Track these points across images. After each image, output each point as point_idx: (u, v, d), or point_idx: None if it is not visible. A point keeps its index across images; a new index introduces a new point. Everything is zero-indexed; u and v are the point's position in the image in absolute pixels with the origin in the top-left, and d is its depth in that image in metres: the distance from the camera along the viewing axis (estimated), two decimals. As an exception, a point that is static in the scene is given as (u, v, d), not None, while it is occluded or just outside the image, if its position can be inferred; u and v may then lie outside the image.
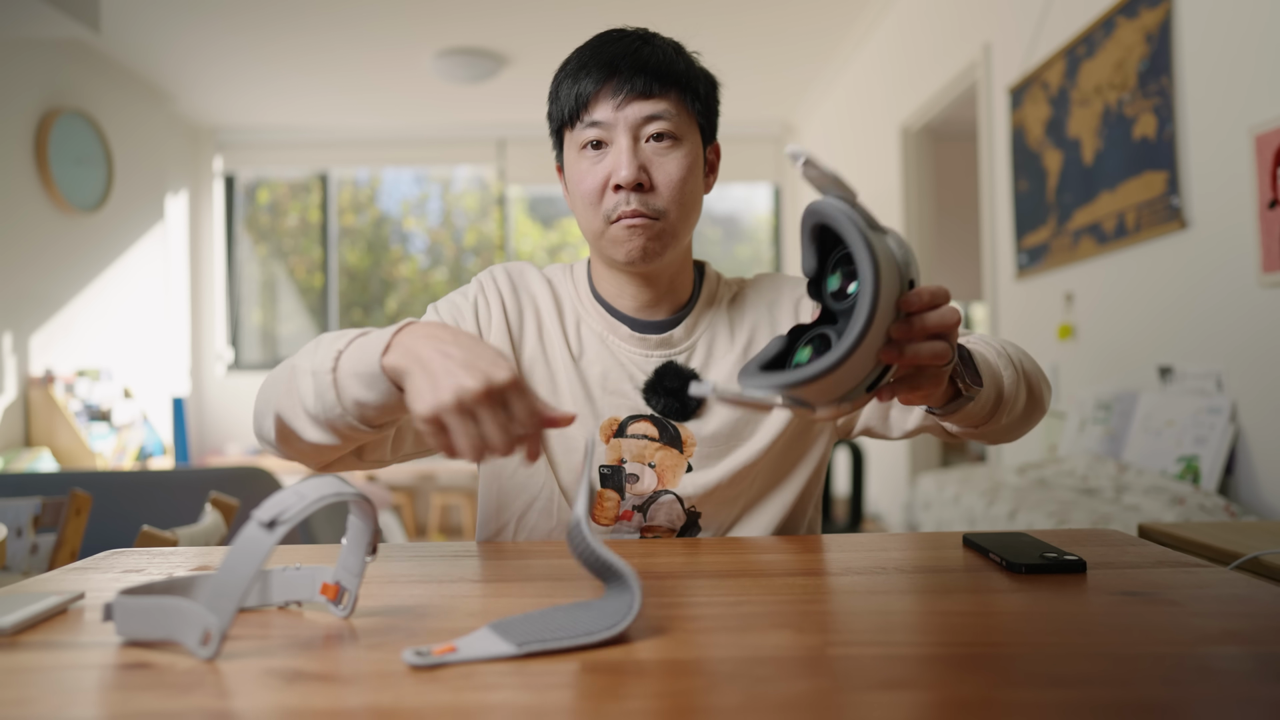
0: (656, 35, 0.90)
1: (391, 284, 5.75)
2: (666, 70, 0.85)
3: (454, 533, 5.18)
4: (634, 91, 0.84)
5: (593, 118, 0.85)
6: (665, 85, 0.85)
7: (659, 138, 0.85)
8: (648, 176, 0.85)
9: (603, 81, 0.85)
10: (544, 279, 0.97)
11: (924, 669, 0.47)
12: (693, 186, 0.88)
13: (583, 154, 0.87)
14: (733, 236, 6.01)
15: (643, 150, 0.85)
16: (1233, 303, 1.77)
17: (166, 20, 3.77)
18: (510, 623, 0.53)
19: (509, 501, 0.91)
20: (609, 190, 0.85)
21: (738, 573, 0.70)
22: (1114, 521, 1.69)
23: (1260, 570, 1.12)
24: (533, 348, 0.92)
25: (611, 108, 0.85)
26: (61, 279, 3.86)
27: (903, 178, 3.68)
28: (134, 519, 1.62)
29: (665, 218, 0.86)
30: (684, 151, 0.86)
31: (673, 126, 0.85)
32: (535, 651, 0.50)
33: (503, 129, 5.45)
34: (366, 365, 0.65)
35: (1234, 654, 0.49)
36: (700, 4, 3.71)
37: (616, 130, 0.85)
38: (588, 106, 0.85)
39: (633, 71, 0.84)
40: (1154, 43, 1.99)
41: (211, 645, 0.49)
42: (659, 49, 0.87)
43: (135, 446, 4.02)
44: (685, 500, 0.90)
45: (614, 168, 0.84)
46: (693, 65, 0.89)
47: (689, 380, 0.88)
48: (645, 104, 0.84)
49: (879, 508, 4.21)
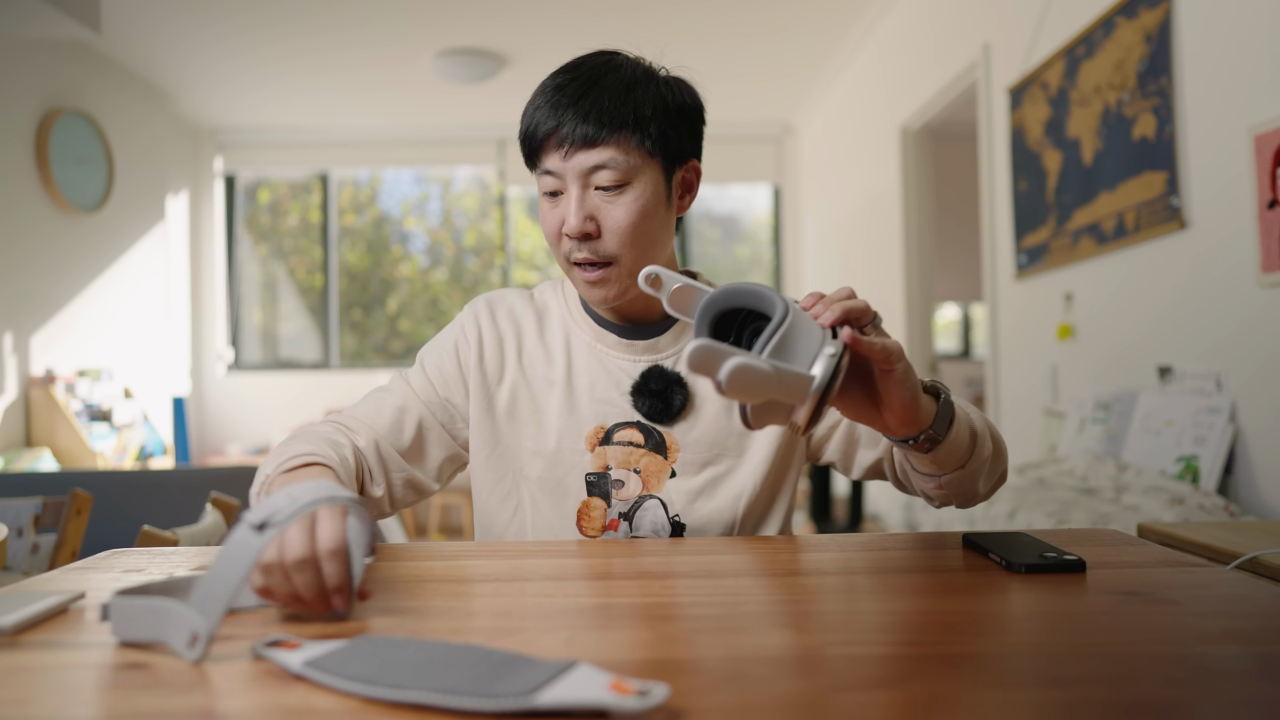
0: (616, 67, 0.87)
1: (392, 284, 5.75)
2: (611, 116, 0.84)
3: (454, 533, 5.18)
4: (577, 143, 0.84)
5: (545, 166, 0.87)
6: (612, 130, 0.84)
7: (607, 186, 0.85)
8: (595, 224, 0.86)
9: (550, 132, 0.85)
10: (526, 300, 1.00)
11: (923, 669, 0.47)
12: (646, 227, 0.87)
13: (543, 197, 0.90)
14: (732, 237, 6.01)
15: (590, 198, 0.86)
16: (1232, 303, 1.77)
17: (167, 20, 3.77)
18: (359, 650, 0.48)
19: (495, 512, 0.95)
20: (564, 236, 0.87)
21: (736, 572, 0.70)
22: (1113, 521, 1.69)
23: (1259, 570, 1.12)
24: (514, 373, 0.95)
25: (559, 157, 0.85)
26: (62, 279, 3.86)
27: (902, 178, 3.68)
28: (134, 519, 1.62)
29: (618, 262, 0.87)
30: (633, 196, 0.85)
31: (620, 174, 0.84)
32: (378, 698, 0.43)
33: (503, 129, 5.45)
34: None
35: (1233, 654, 0.49)
36: (700, 4, 3.71)
37: (567, 179, 0.86)
38: (539, 156, 0.88)
39: (576, 121, 0.84)
40: (1153, 43, 1.99)
41: (198, 648, 0.49)
42: (607, 91, 0.84)
43: (136, 446, 4.02)
44: (669, 507, 0.91)
45: (565, 216, 0.86)
46: (646, 101, 0.85)
47: (673, 383, 0.91)
48: (590, 153, 0.84)
49: (879, 508, 4.21)
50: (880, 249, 3.98)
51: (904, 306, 3.70)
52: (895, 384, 0.68)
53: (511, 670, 0.44)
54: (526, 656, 0.46)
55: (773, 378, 0.60)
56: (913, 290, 3.68)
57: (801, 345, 0.64)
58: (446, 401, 0.94)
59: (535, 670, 0.44)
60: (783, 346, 0.63)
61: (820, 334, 0.65)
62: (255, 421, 5.40)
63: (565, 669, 0.44)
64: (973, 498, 0.85)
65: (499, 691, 0.42)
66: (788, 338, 0.64)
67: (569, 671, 0.43)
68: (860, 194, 4.30)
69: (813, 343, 0.65)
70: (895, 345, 0.68)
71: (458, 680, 0.43)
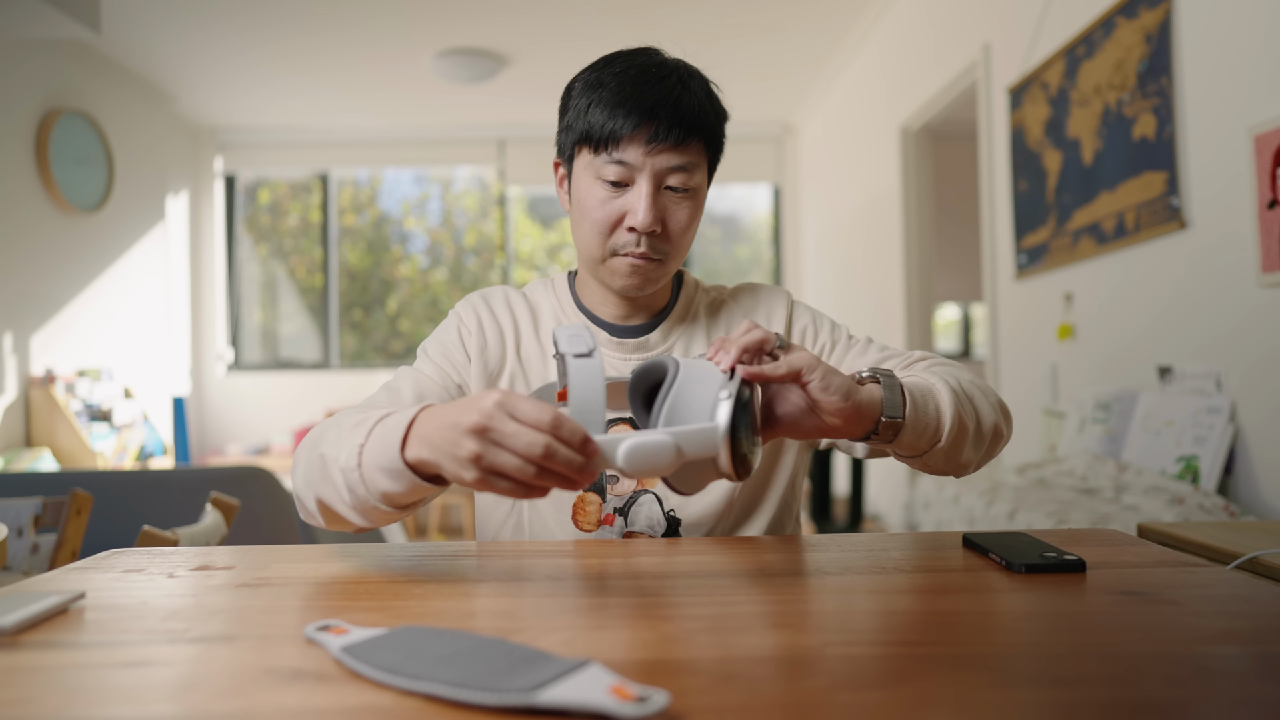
0: (693, 74, 0.90)
1: (392, 284, 5.75)
2: (699, 120, 0.87)
3: (454, 533, 5.18)
4: (667, 142, 0.85)
5: (620, 156, 0.86)
6: (695, 135, 0.87)
7: (678, 188, 0.88)
8: (662, 224, 0.88)
9: (639, 125, 0.85)
10: (520, 297, 1.01)
11: (923, 669, 0.47)
12: (695, 228, 0.92)
13: (599, 182, 0.88)
14: (732, 237, 6.01)
15: (661, 198, 0.88)
16: (1232, 303, 1.77)
17: (167, 20, 3.77)
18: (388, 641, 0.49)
19: (493, 508, 0.95)
20: (621, 228, 0.88)
21: (735, 572, 0.70)
22: (1113, 521, 1.69)
23: (1259, 570, 1.12)
24: (513, 364, 0.96)
25: (642, 153, 0.85)
26: (62, 279, 3.86)
27: (902, 178, 3.68)
28: (134, 519, 1.62)
29: (667, 259, 0.90)
30: (697, 202, 0.90)
31: (693, 179, 0.88)
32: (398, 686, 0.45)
33: (503, 129, 5.45)
34: (389, 460, 0.67)
35: (1234, 654, 0.49)
36: (700, 4, 3.71)
37: (641, 174, 0.86)
38: (618, 144, 0.86)
39: (671, 121, 0.85)
40: (1153, 43, 1.99)
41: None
42: (694, 94, 0.87)
43: (136, 446, 4.02)
44: (664, 502, 0.91)
45: (632, 209, 0.87)
46: (719, 109, 0.91)
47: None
48: (674, 155, 0.86)
49: (879, 508, 4.21)
50: (880, 249, 3.98)
51: (904, 306, 3.69)
52: (820, 392, 0.70)
53: (526, 666, 0.45)
54: (547, 654, 0.47)
55: (672, 445, 0.61)
56: (913, 290, 3.68)
57: (699, 398, 0.65)
58: (459, 387, 0.94)
59: (547, 667, 0.45)
60: (678, 408, 0.65)
61: (719, 380, 0.66)
62: (255, 421, 5.40)
63: (575, 668, 0.44)
64: (964, 468, 0.83)
65: (504, 686, 0.42)
66: (682, 398, 0.65)
67: (577, 671, 0.44)
68: (860, 194, 4.30)
69: (711, 391, 0.66)
70: (802, 359, 0.70)
71: (471, 674, 0.44)
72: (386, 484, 0.68)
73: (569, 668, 0.44)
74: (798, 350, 0.71)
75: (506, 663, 0.46)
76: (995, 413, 0.84)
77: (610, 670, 0.45)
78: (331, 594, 0.64)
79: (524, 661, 0.46)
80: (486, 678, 0.44)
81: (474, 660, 0.46)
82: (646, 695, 0.41)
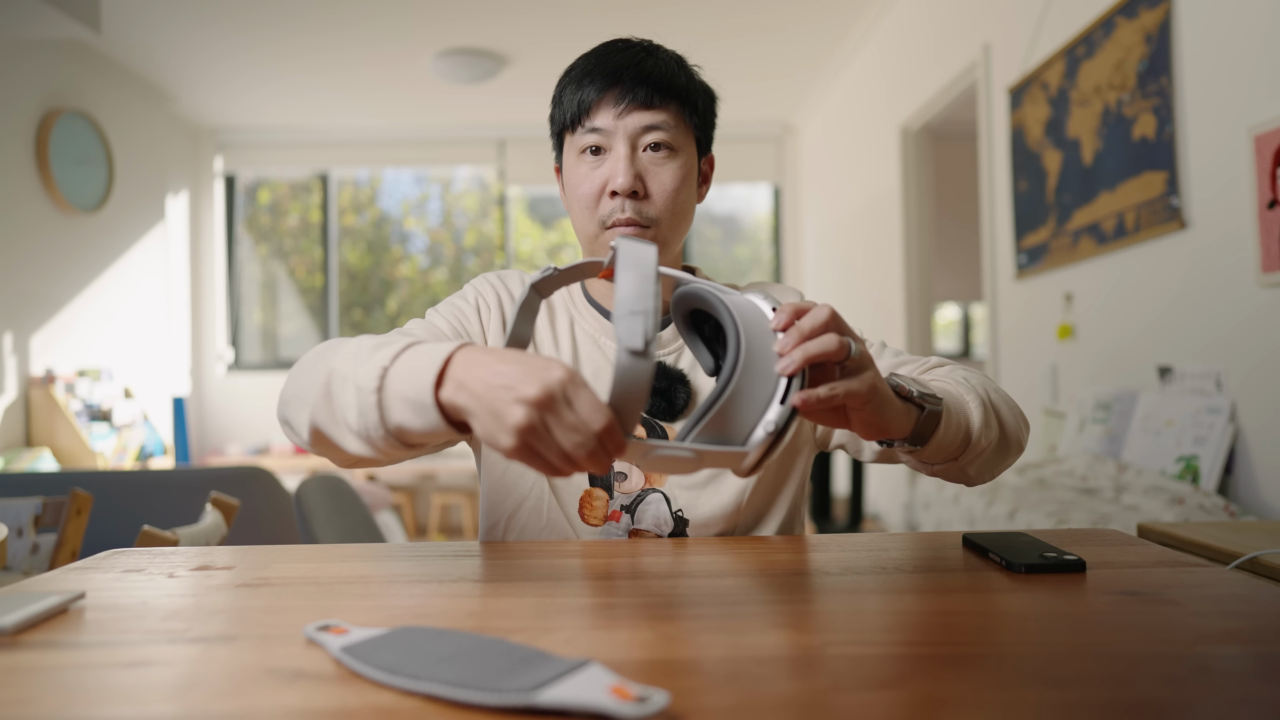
0: (660, 48, 0.92)
1: (392, 284, 5.75)
2: (668, 83, 0.88)
3: (454, 533, 5.18)
4: (635, 101, 0.87)
5: (593, 124, 0.88)
6: (665, 97, 0.88)
7: (656, 147, 0.88)
8: (643, 185, 0.88)
9: (605, 90, 0.87)
10: None
11: (923, 669, 0.47)
12: (685, 196, 0.91)
13: (581, 158, 0.90)
14: (732, 237, 6.01)
15: (640, 159, 0.88)
16: (1232, 303, 1.77)
17: (167, 20, 3.77)
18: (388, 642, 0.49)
19: (501, 499, 0.93)
20: (605, 196, 0.88)
21: (736, 572, 0.70)
22: (1113, 521, 1.69)
23: (1259, 570, 1.12)
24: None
25: (612, 116, 0.87)
26: (62, 279, 3.86)
27: (902, 178, 3.68)
28: (134, 519, 1.63)
29: (657, 226, 0.89)
30: (680, 163, 0.90)
31: (670, 138, 0.89)
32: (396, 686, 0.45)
33: (503, 129, 5.45)
34: (416, 392, 0.61)
35: (1233, 654, 0.49)
36: (700, 4, 3.71)
37: (615, 138, 0.88)
38: (589, 113, 0.88)
39: (635, 81, 0.87)
40: (1153, 43, 1.99)
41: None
42: (662, 61, 0.89)
43: (136, 446, 4.02)
44: (672, 501, 0.90)
45: (611, 174, 0.87)
46: (693, 79, 0.93)
47: (676, 381, 0.91)
48: (645, 114, 0.87)
49: (879, 508, 4.21)
50: (880, 249, 3.98)
51: (904, 306, 3.69)
52: (861, 426, 0.68)
53: (527, 666, 0.45)
54: (547, 654, 0.47)
55: (694, 460, 0.60)
56: (913, 290, 3.68)
57: (749, 395, 0.61)
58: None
59: (547, 667, 0.45)
60: (726, 407, 0.61)
61: (773, 384, 0.61)
62: (255, 421, 5.40)
63: (575, 668, 0.44)
64: (969, 481, 0.83)
65: (504, 686, 0.42)
66: (735, 393, 0.61)
67: (577, 671, 0.44)
68: (860, 194, 4.30)
69: (763, 392, 0.61)
70: (863, 387, 0.64)
71: (471, 674, 0.44)
72: (407, 416, 0.62)
73: (569, 668, 0.44)
74: (864, 368, 0.65)
75: (506, 663, 0.46)
76: (1018, 427, 0.85)
77: (610, 670, 0.45)
78: (331, 594, 0.64)
79: (524, 661, 0.46)
80: (486, 678, 0.44)
81: (474, 660, 0.46)
82: (647, 695, 0.41)
